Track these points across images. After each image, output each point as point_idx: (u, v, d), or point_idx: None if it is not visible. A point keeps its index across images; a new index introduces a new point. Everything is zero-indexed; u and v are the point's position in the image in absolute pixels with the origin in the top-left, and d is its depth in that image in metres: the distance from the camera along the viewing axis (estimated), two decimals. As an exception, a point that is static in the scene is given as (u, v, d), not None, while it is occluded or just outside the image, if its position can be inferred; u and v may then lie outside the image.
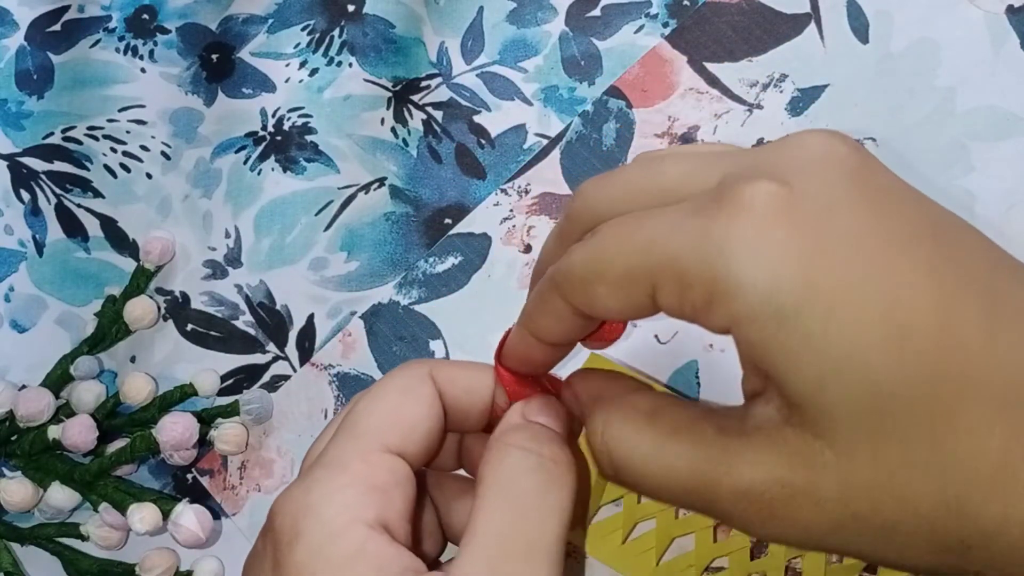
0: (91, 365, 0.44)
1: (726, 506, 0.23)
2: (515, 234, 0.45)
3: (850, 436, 0.21)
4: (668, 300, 0.23)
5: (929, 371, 0.20)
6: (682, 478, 0.24)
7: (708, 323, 0.22)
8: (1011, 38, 0.44)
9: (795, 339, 0.21)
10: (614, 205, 0.25)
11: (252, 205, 0.46)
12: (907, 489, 0.21)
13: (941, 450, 0.20)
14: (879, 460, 0.21)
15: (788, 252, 0.21)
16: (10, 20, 0.50)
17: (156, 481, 0.44)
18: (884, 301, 0.21)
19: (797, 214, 0.21)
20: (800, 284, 0.21)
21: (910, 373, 0.20)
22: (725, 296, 0.21)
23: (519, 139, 0.46)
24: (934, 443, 0.20)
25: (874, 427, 0.21)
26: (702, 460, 0.23)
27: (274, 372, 0.44)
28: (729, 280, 0.21)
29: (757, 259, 0.21)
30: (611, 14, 0.47)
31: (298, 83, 0.48)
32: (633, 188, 0.25)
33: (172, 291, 0.46)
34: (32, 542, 0.43)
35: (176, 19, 0.49)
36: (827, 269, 0.21)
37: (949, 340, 0.20)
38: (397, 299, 0.44)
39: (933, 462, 0.21)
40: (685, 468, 0.23)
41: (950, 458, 0.20)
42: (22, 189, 0.48)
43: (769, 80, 0.45)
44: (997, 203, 0.42)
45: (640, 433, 0.25)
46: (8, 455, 0.43)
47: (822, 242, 0.21)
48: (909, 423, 0.20)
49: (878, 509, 0.21)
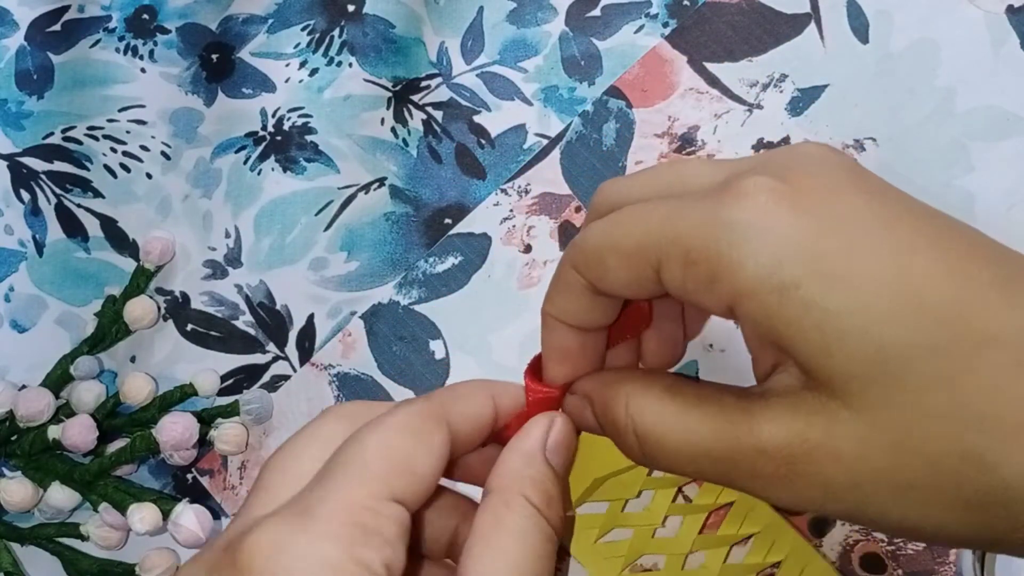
0: (91, 365, 0.44)
1: (748, 465, 0.24)
2: (515, 234, 0.45)
3: (864, 395, 0.22)
4: (672, 276, 0.24)
5: (948, 330, 0.21)
6: (705, 442, 0.24)
7: (709, 301, 0.23)
8: (1011, 38, 0.44)
9: (796, 309, 0.22)
10: (632, 198, 0.26)
11: (252, 205, 0.46)
12: (925, 442, 0.21)
13: (960, 402, 0.21)
14: (896, 416, 0.21)
15: (789, 230, 0.22)
16: (10, 20, 0.50)
17: (156, 481, 0.44)
18: (892, 267, 0.21)
19: (798, 198, 0.22)
20: (801, 258, 0.22)
21: (927, 333, 0.21)
22: (728, 272, 0.22)
23: (519, 139, 0.46)
24: (952, 395, 0.21)
25: (888, 385, 0.21)
26: (724, 422, 0.24)
27: (274, 372, 0.44)
28: (732, 256, 0.22)
29: (759, 236, 0.22)
30: (611, 14, 0.47)
31: (298, 83, 0.48)
32: (650, 184, 0.27)
33: (172, 291, 0.46)
34: (32, 542, 0.43)
35: (176, 19, 0.49)
36: (828, 243, 0.22)
37: (966, 300, 0.21)
38: (397, 299, 0.44)
39: (952, 414, 0.21)
40: (708, 432, 0.24)
41: (970, 409, 0.21)
42: (22, 189, 0.48)
43: (769, 80, 0.45)
44: (997, 203, 0.42)
45: (663, 403, 0.25)
46: (8, 455, 0.43)
47: (823, 221, 0.22)
48: (926, 378, 0.21)
49: (897, 464, 0.22)
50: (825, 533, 0.40)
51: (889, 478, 0.22)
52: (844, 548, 0.40)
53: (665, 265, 0.24)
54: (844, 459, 0.22)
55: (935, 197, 0.24)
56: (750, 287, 0.22)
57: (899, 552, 0.39)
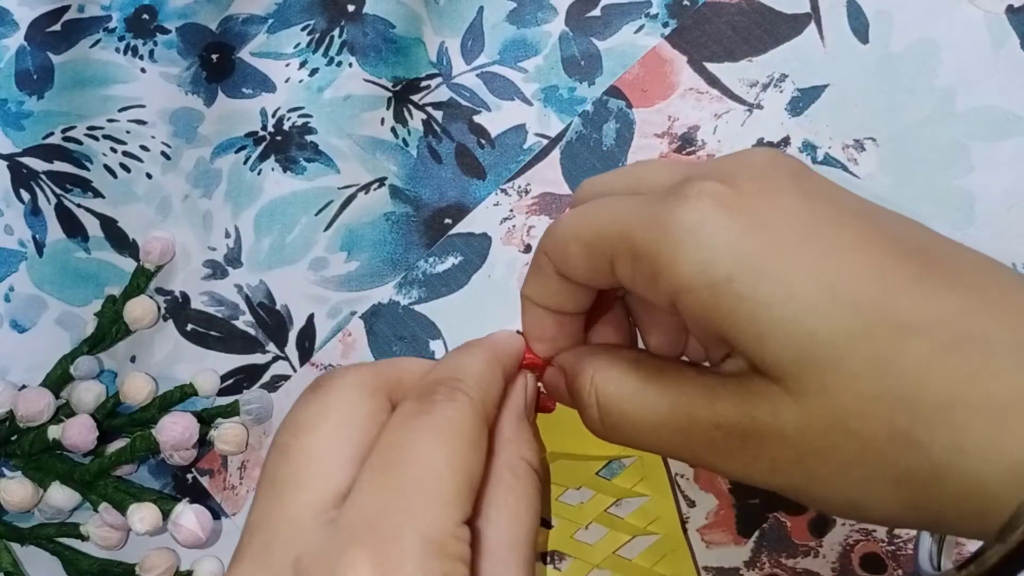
0: (91, 365, 0.44)
1: (704, 438, 0.25)
2: (515, 234, 0.45)
3: (799, 380, 0.23)
4: (623, 270, 0.26)
5: (866, 318, 0.22)
6: (663, 413, 0.26)
7: (655, 296, 0.25)
8: (1011, 38, 0.44)
9: (730, 302, 0.23)
10: (603, 194, 0.29)
11: (252, 205, 0.46)
12: (859, 423, 0.23)
13: (888, 384, 0.22)
14: (830, 400, 0.23)
15: (723, 230, 0.24)
16: (10, 20, 0.50)
17: (156, 481, 0.44)
18: (814, 262, 0.23)
19: (736, 201, 0.24)
20: (733, 255, 0.23)
21: (847, 320, 0.23)
22: (667, 269, 0.24)
23: (519, 139, 0.46)
24: (880, 378, 0.22)
25: (821, 370, 0.23)
26: (683, 397, 0.26)
27: (274, 372, 0.44)
28: (670, 254, 0.24)
29: (694, 236, 0.24)
30: (611, 14, 0.47)
31: (298, 83, 0.48)
32: (618, 182, 0.29)
33: (172, 291, 0.46)
34: (32, 542, 0.43)
35: (176, 19, 0.49)
36: (759, 241, 0.24)
37: (883, 291, 0.23)
38: (397, 299, 0.44)
39: (880, 396, 0.22)
40: (667, 405, 0.26)
41: (897, 392, 0.22)
42: (22, 189, 0.48)
43: (769, 80, 0.45)
44: (997, 203, 0.42)
45: (626, 375, 0.27)
46: (8, 455, 0.43)
47: (755, 221, 0.24)
48: (854, 363, 0.22)
49: (834, 444, 0.23)
50: (825, 533, 0.40)
51: (829, 457, 0.23)
52: (844, 548, 0.40)
53: (617, 260, 0.26)
54: (788, 439, 0.24)
55: (935, 197, 0.24)
56: (687, 283, 0.24)
57: (899, 552, 0.39)
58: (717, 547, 0.40)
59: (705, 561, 0.40)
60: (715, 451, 0.25)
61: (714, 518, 0.41)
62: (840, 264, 0.23)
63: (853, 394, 0.23)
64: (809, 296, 0.23)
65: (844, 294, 0.23)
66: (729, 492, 0.41)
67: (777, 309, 0.23)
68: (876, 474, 0.23)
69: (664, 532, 0.40)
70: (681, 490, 0.41)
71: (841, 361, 0.23)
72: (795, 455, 0.24)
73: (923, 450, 0.22)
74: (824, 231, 0.24)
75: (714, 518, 0.41)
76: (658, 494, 0.40)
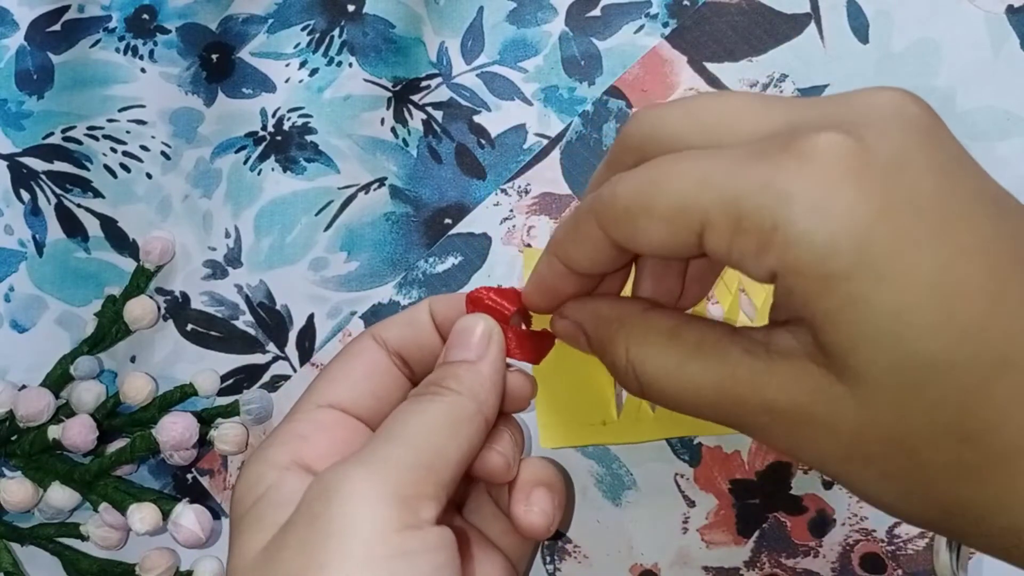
0: (91, 365, 0.44)
1: (751, 419, 0.24)
2: (515, 234, 0.45)
3: (875, 391, 0.21)
4: (717, 241, 0.22)
5: (971, 347, 0.20)
6: (708, 394, 0.24)
7: (751, 268, 0.22)
8: (1011, 38, 0.44)
9: (838, 300, 0.21)
10: (672, 133, 0.24)
11: (252, 205, 0.46)
12: (923, 447, 0.21)
13: (965, 420, 0.21)
14: (901, 418, 0.21)
15: (850, 213, 0.21)
16: (10, 20, 0.50)
17: (156, 481, 0.44)
18: (939, 268, 0.21)
19: (865, 172, 0.21)
20: (856, 249, 0.21)
21: (951, 346, 0.21)
22: (781, 246, 0.21)
23: (519, 139, 0.46)
24: (961, 411, 0.21)
25: (902, 388, 0.21)
26: (728, 378, 0.24)
27: (274, 372, 0.44)
28: (788, 231, 0.21)
29: (819, 216, 0.21)
30: (611, 14, 0.47)
31: (298, 83, 0.48)
32: (689, 124, 0.24)
33: (172, 291, 0.46)
34: (32, 542, 0.43)
35: (176, 19, 0.49)
36: (886, 234, 0.21)
37: (994, 319, 0.21)
38: (397, 299, 0.44)
39: (954, 428, 0.21)
40: (711, 385, 0.24)
41: (971, 427, 0.21)
42: (22, 189, 0.48)
43: (769, 80, 0.45)
44: (997, 203, 0.42)
45: (664, 351, 0.25)
46: (8, 455, 0.43)
47: (885, 205, 0.21)
48: (940, 389, 0.21)
49: (890, 457, 0.22)
50: (825, 533, 0.40)
51: (880, 465, 0.22)
52: (844, 548, 0.40)
53: (710, 230, 0.22)
54: (839, 437, 0.22)
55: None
56: (799, 267, 0.21)
57: (899, 552, 0.39)
58: (717, 547, 0.40)
59: (705, 561, 0.40)
60: (764, 431, 0.24)
61: (714, 518, 0.41)
62: (962, 274, 0.21)
63: (927, 420, 0.21)
64: (924, 315, 0.21)
65: (958, 312, 0.21)
66: (729, 492, 0.41)
67: (886, 321, 0.21)
68: (923, 494, 0.22)
69: None
70: (681, 490, 0.41)
71: (929, 387, 0.21)
72: (844, 453, 0.23)
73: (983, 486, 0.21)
74: (956, 225, 0.21)
75: (714, 518, 0.41)
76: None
